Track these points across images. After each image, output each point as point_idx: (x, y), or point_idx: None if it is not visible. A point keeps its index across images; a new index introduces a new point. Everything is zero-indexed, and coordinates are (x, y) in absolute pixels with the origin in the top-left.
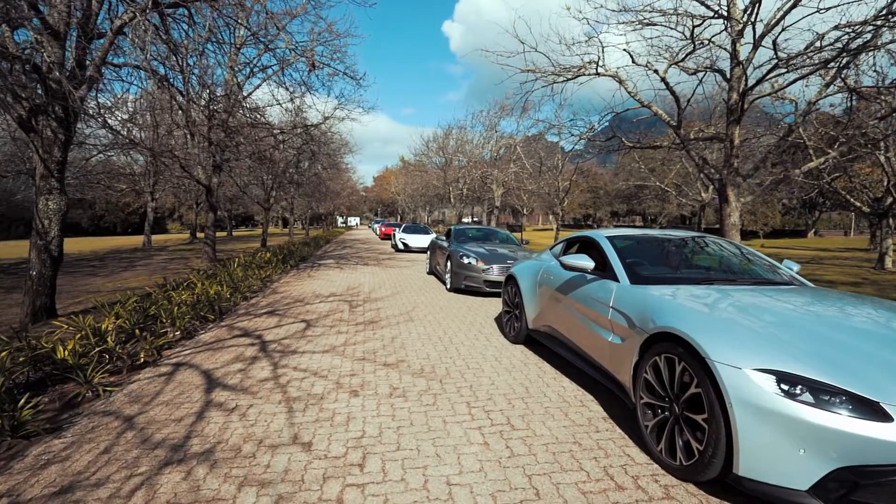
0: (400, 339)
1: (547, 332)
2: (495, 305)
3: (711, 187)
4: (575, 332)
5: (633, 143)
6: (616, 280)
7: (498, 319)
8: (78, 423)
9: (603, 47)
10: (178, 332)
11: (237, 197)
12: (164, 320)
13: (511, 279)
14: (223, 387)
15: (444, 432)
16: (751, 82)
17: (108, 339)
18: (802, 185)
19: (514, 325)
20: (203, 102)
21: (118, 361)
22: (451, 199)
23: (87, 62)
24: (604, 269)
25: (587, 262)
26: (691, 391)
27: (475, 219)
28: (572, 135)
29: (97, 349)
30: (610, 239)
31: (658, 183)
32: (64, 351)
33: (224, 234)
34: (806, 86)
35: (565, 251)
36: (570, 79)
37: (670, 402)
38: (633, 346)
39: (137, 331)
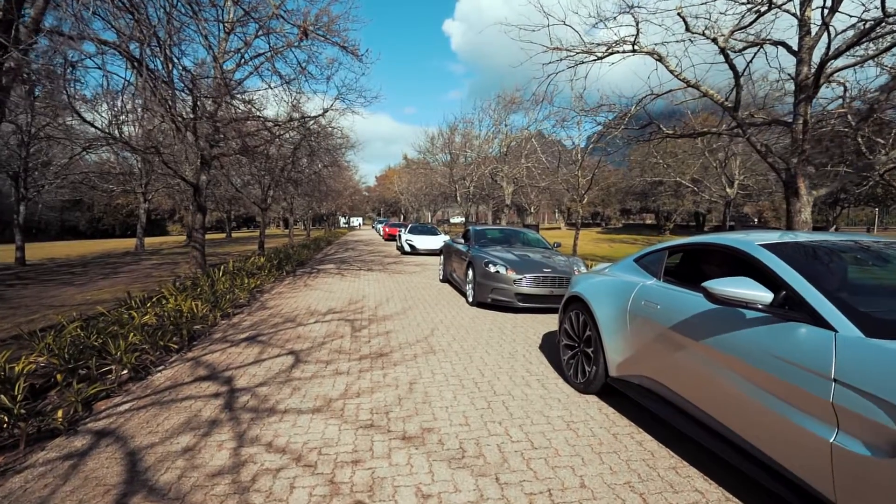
0: (421, 386)
1: (647, 386)
2: (533, 324)
3: (736, 182)
4: (726, 405)
5: (671, 131)
6: (826, 326)
7: (546, 349)
8: None
9: (638, 23)
10: (125, 371)
11: (236, 198)
12: (114, 352)
13: (577, 302)
14: (148, 491)
15: None
16: (831, 51)
17: (16, 390)
18: (862, 178)
19: (583, 368)
20: (181, 85)
21: (15, 429)
22: (458, 198)
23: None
24: (782, 305)
25: (761, 293)
26: None
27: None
28: (598, 123)
29: None
30: (775, 249)
31: (678, 178)
32: None
33: (223, 235)
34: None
35: (664, 264)
36: (601, 57)
37: None
38: None
39: (59, 376)
